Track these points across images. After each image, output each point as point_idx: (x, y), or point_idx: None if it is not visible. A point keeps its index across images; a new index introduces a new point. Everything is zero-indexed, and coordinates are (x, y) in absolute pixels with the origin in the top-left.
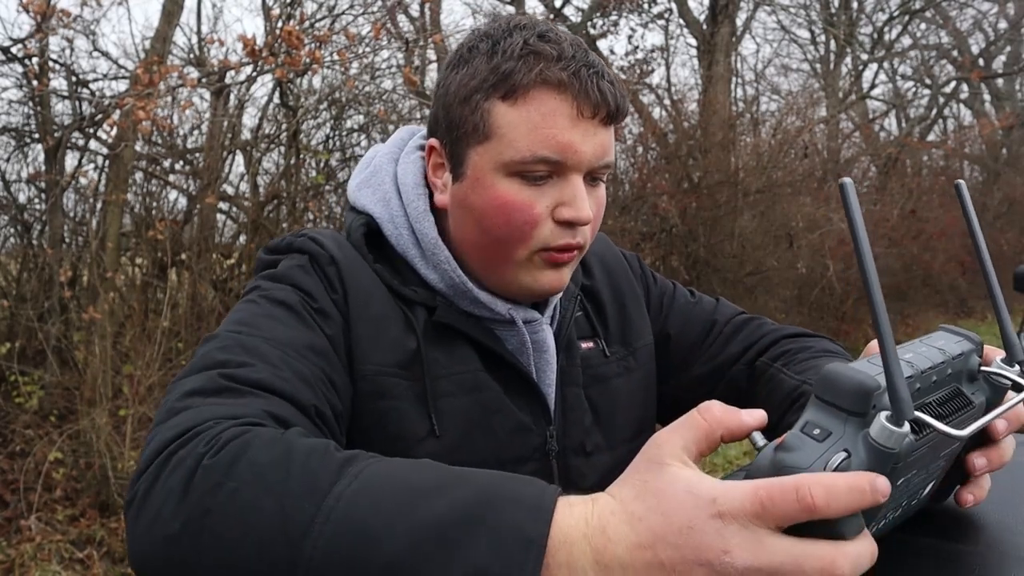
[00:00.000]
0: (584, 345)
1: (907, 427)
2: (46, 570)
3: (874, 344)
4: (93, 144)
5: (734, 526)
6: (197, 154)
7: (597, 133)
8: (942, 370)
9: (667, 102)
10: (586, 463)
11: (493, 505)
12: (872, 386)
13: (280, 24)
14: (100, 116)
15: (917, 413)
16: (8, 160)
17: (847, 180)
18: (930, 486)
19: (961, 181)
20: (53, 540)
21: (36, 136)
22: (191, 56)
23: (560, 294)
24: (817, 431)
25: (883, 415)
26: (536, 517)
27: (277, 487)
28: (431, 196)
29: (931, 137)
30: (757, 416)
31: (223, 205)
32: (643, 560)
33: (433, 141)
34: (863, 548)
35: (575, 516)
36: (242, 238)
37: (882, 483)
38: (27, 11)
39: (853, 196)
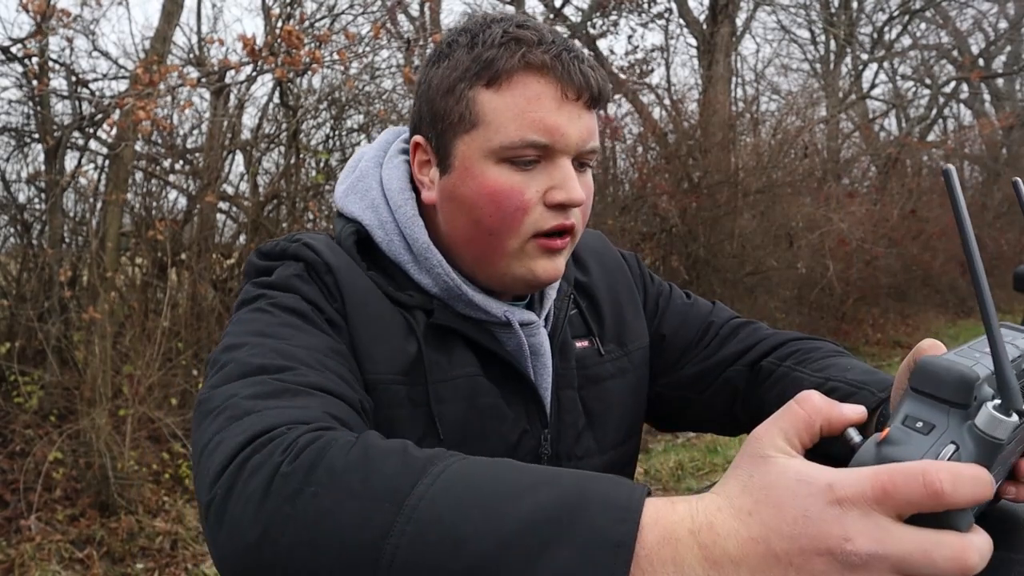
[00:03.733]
0: (579, 344)
1: (1015, 417)
2: (46, 570)
3: (924, 344)
4: (93, 144)
5: (854, 512)
6: (197, 154)
7: (582, 116)
8: (1018, 364)
9: (667, 102)
10: (577, 468)
11: (579, 507)
12: (974, 377)
13: (280, 24)
14: (100, 116)
15: None
16: (8, 160)
17: (950, 167)
18: (998, 485)
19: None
20: (53, 540)
21: (36, 136)
22: (191, 56)
23: (555, 293)
24: (920, 424)
25: (990, 405)
26: (624, 519)
27: (356, 489)
28: (418, 199)
29: (931, 137)
30: (858, 411)
31: (223, 205)
32: (756, 554)
33: (418, 138)
34: (984, 541)
35: (679, 513)
36: (242, 238)
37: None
38: (27, 11)
39: (956, 182)
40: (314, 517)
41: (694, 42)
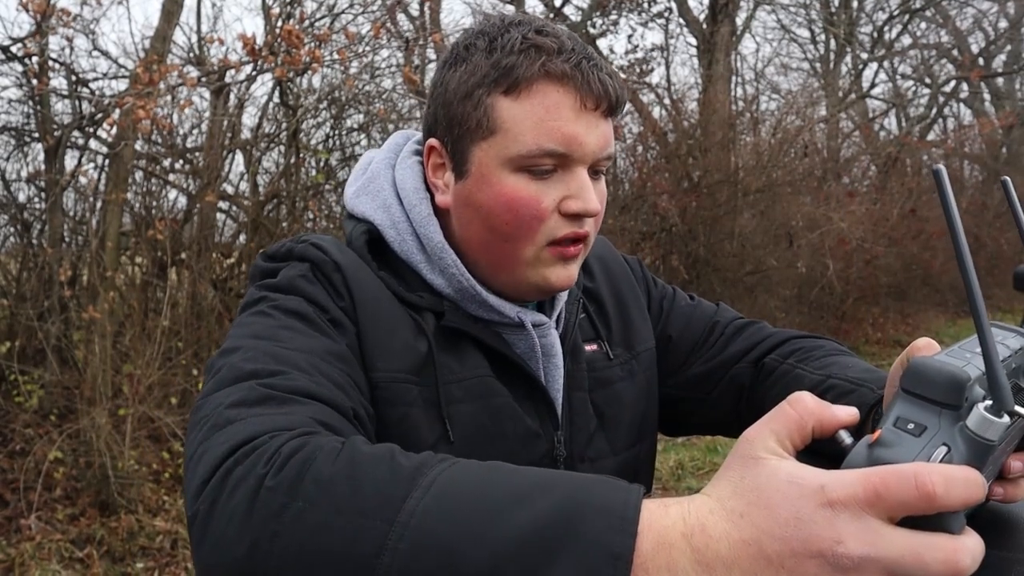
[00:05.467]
0: (588, 347)
1: (1006, 418)
2: (46, 569)
3: (919, 343)
4: (93, 143)
5: (845, 515)
6: (197, 153)
7: (599, 125)
8: (1008, 364)
9: (667, 101)
10: (591, 469)
11: (575, 518)
12: (965, 378)
13: (280, 23)
14: (100, 115)
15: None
16: (8, 159)
17: (941, 166)
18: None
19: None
20: (53, 539)
21: (36, 135)
22: (191, 55)
23: (566, 295)
24: (911, 425)
25: (981, 406)
26: (621, 528)
27: (345, 504)
28: (432, 200)
29: (931, 136)
30: (850, 412)
31: (223, 204)
32: (748, 556)
33: (433, 141)
34: (976, 543)
35: (671, 517)
36: (242, 237)
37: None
38: (27, 10)
39: (947, 182)
40: (303, 534)
41: (694, 41)
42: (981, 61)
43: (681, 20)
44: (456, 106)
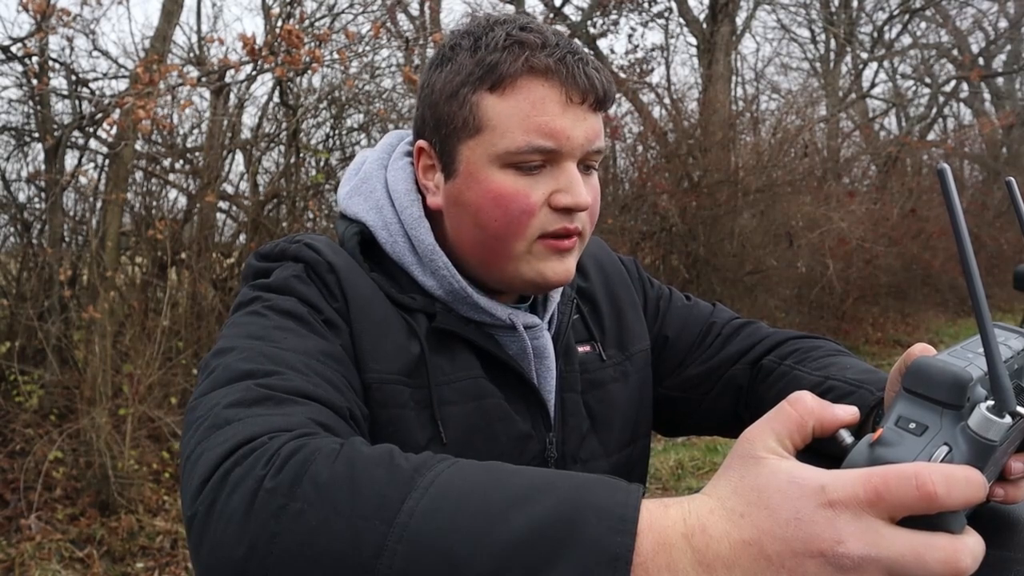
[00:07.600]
0: (581, 349)
1: (1008, 418)
2: (46, 569)
3: (915, 348)
4: (93, 143)
5: (846, 515)
6: (197, 153)
7: (587, 118)
8: (1010, 365)
9: (667, 101)
10: (583, 470)
11: (574, 520)
12: (967, 378)
13: (280, 23)
14: (100, 115)
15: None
16: (8, 159)
17: (945, 166)
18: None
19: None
20: (53, 539)
21: (36, 135)
22: (191, 55)
23: (559, 296)
24: (913, 425)
25: (983, 406)
26: (620, 529)
27: (344, 505)
28: (424, 201)
29: (931, 136)
30: (851, 411)
31: (223, 204)
32: (748, 556)
33: (421, 143)
34: (977, 542)
35: (671, 517)
36: (242, 237)
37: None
38: (27, 10)
39: (951, 181)
40: (302, 535)
41: (694, 41)
42: (981, 61)
43: (681, 20)
44: (442, 106)
